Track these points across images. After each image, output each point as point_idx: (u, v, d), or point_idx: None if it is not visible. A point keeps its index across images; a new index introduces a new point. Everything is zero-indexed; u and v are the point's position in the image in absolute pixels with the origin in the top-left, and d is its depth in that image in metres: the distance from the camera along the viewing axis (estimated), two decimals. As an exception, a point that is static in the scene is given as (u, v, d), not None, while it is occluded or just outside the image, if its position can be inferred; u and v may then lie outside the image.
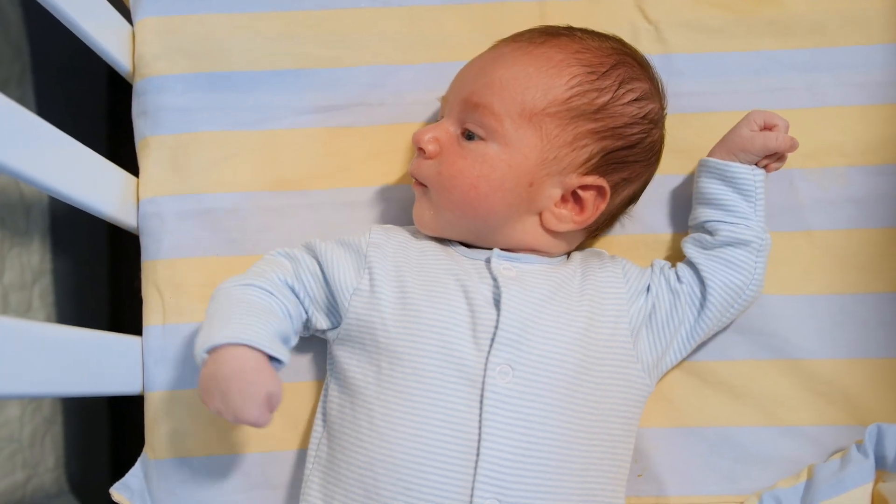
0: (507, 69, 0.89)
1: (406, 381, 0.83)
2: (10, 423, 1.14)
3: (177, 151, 1.04)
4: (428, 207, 0.92)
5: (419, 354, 0.83)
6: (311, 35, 1.07)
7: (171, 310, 1.01)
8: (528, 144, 0.87)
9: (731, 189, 0.93)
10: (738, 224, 0.92)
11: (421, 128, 0.93)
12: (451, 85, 0.95)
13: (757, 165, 0.93)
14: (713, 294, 0.91)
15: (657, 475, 0.98)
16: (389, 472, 0.80)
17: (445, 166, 0.89)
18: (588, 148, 0.88)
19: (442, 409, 0.81)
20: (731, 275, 0.92)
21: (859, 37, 1.05)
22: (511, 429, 0.80)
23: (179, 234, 1.02)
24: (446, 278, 0.88)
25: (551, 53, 0.89)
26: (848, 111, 1.03)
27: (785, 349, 0.99)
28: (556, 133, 0.87)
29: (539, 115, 0.87)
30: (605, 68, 0.89)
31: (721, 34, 1.06)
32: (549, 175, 0.88)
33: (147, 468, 1.00)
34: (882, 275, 1.00)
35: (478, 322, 0.84)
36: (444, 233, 0.93)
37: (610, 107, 0.89)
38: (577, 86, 0.88)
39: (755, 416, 0.98)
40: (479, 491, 0.78)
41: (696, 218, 0.96)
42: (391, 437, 0.81)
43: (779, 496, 0.91)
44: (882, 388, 0.98)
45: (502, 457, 0.79)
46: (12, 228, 1.16)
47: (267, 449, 0.99)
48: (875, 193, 1.01)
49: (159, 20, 1.07)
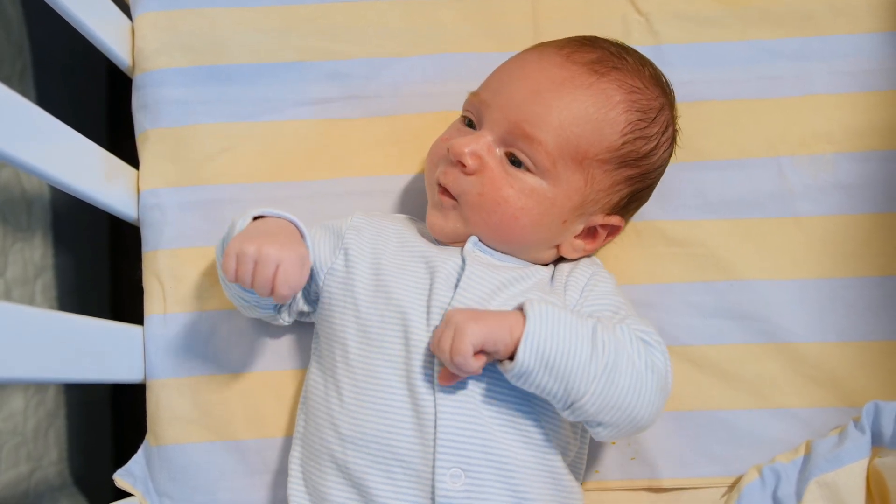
0: (567, 103, 0.86)
1: (373, 360, 0.85)
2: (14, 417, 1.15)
3: (177, 144, 1.06)
4: (452, 221, 0.90)
5: (385, 334, 0.85)
6: (309, 28, 1.08)
7: (171, 299, 1.02)
8: (573, 187, 0.87)
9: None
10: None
11: (458, 137, 0.88)
12: (492, 85, 0.91)
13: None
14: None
15: (649, 458, 0.99)
16: (358, 448, 0.82)
17: (490, 190, 0.86)
18: (621, 192, 0.90)
19: (405, 386, 0.83)
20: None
21: (847, 26, 1.06)
22: (463, 404, 0.81)
23: (180, 224, 1.04)
24: (418, 262, 0.89)
25: (611, 91, 0.87)
26: (836, 99, 1.05)
27: (775, 333, 1.00)
28: (601, 178, 0.88)
29: (590, 160, 0.87)
30: (654, 114, 0.90)
31: (712, 24, 1.07)
32: (582, 215, 0.90)
33: (149, 455, 1.01)
34: (869, 259, 1.01)
35: (433, 303, 0.85)
36: (457, 241, 0.91)
37: (652, 154, 0.90)
38: (629, 133, 0.88)
39: (746, 399, 1.00)
40: (440, 461, 0.80)
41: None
42: (359, 413, 0.83)
43: (778, 470, 0.93)
44: (869, 370, 0.99)
45: (458, 427, 0.81)
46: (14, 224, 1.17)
47: (266, 435, 1.00)
48: (862, 180, 1.03)
49: (158, 15, 1.08)
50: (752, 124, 1.05)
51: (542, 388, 0.79)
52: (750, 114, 1.05)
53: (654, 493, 1.00)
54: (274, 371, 1.02)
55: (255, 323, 1.02)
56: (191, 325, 1.02)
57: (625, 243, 1.03)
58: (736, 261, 1.02)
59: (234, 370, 1.01)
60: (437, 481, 0.80)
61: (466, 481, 0.80)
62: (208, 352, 1.01)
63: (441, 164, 0.90)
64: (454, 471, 0.80)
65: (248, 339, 1.01)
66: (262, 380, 1.01)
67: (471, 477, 0.80)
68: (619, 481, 0.99)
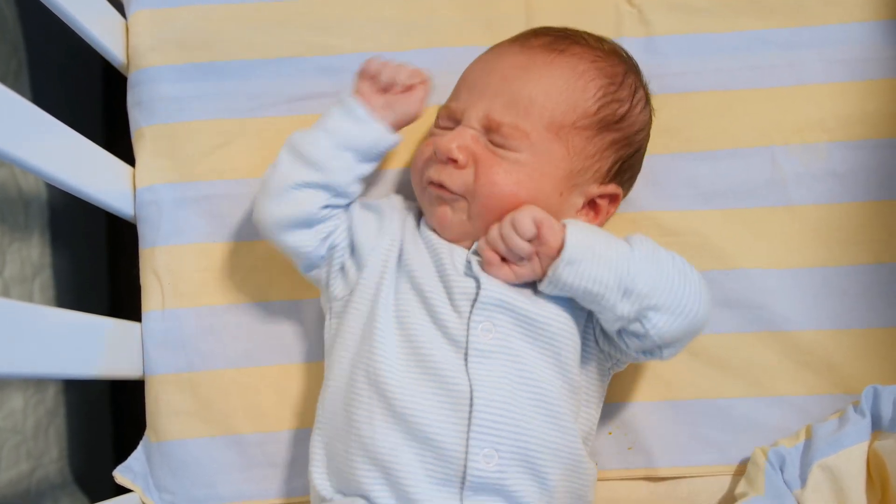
0: (534, 84, 0.88)
1: (405, 340, 0.85)
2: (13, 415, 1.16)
3: (172, 140, 1.06)
4: (459, 216, 0.89)
5: (411, 316, 0.85)
6: (303, 23, 1.08)
7: (169, 295, 1.03)
8: (557, 157, 0.88)
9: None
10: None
11: (441, 137, 0.90)
12: (463, 89, 0.93)
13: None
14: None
15: (647, 448, 1.00)
16: (389, 425, 0.82)
17: (483, 174, 0.87)
18: (610, 158, 0.91)
19: (439, 366, 0.83)
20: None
21: (839, 15, 1.06)
22: (499, 383, 0.82)
23: (176, 221, 1.04)
24: (431, 249, 0.90)
25: (573, 62, 0.90)
26: (828, 88, 1.05)
27: (770, 321, 1.01)
28: (583, 145, 0.89)
29: (566, 129, 0.88)
30: (620, 78, 0.91)
31: (703, 15, 1.07)
32: (576, 185, 0.90)
33: (149, 450, 1.02)
34: (862, 247, 1.02)
35: (454, 290, 0.85)
36: (464, 239, 0.91)
37: (629, 116, 0.91)
38: (602, 98, 0.89)
39: (743, 388, 1.00)
40: (473, 443, 0.80)
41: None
42: (389, 392, 0.83)
43: (782, 454, 0.93)
44: (864, 356, 1.00)
45: (493, 408, 0.81)
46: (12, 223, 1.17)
47: (265, 429, 1.01)
48: (855, 168, 1.03)
49: (153, 12, 1.08)
50: (744, 114, 1.05)
51: (594, 278, 0.82)
52: (742, 103, 1.05)
53: (651, 482, 1.00)
54: (273, 365, 1.02)
55: (253, 317, 1.03)
56: (189, 321, 1.02)
57: (620, 233, 1.01)
58: (730, 250, 1.02)
59: (233, 365, 1.02)
60: (470, 461, 0.80)
61: (499, 461, 0.81)
62: (206, 347, 1.02)
63: (429, 166, 0.91)
64: (487, 451, 0.80)
65: (246, 334, 1.02)
66: (261, 374, 1.02)
67: (503, 458, 0.81)
68: (616, 471, 1.00)
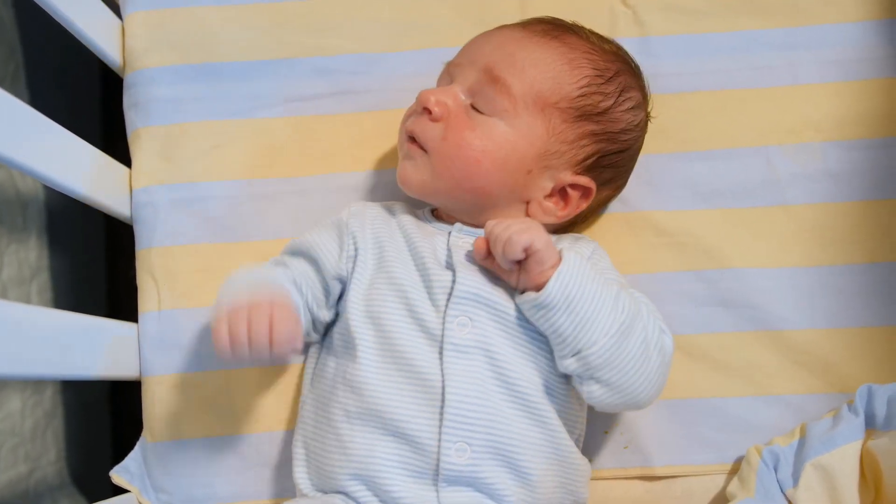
0: (529, 52, 0.90)
1: (381, 337, 0.86)
2: (11, 417, 1.16)
3: (168, 141, 1.06)
4: (421, 170, 0.91)
5: (389, 310, 0.86)
6: (299, 24, 1.08)
7: (166, 296, 1.03)
8: (535, 133, 0.89)
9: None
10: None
11: (430, 88, 0.92)
12: (462, 51, 0.95)
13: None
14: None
15: (643, 447, 1.00)
16: (365, 423, 0.83)
17: (452, 133, 0.89)
18: (587, 149, 0.91)
19: (414, 360, 0.84)
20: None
21: (835, 15, 1.07)
22: (472, 377, 0.83)
23: (173, 222, 1.04)
24: (410, 244, 0.90)
25: (564, 49, 0.91)
26: (824, 88, 1.05)
27: (766, 321, 1.01)
28: (562, 128, 0.89)
29: (550, 107, 0.89)
30: (611, 73, 0.92)
31: (698, 15, 1.07)
32: (547, 168, 0.90)
33: (146, 451, 1.02)
34: (857, 246, 1.02)
35: (433, 284, 0.86)
36: (427, 197, 0.94)
37: (611, 112, 0.91)
38: (585, 86, 0.90)
39: (739, 387, 1.00)
40: (446, 435, 0.81)
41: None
42: (365, 389, 0.84)
43: (776, 452, 0.94)
44: (859, 355, 1.00)
45: (465, 402, 0.82)
46: (9, 225, 1.17)
47: (261, 429, 1.01)
48: (849, 168, 1.03)
49: (148, 14, 1.08)
50: (740, 114, 1.05)
51: (556, 328, 0.82)
52: (738, 104, 1.05)
53: (647, 481, 1.00)
54: (269, 366, 1.02)
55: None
56: (185, 322, 1.02)
57: (615, 233, 1.03)
58: (726, 249, 1.02)
59: (229, 366, 1.02)
60: (443, 454, 0.81)
61: (472, 455, 0.81)
62: (203, 348, 1.02)
63: (409, 118, 0.93)
64: (459, 444, 0.81)
65: (242, 335, 1.02)
66: (258, 374, 1.02)
67: (476, 451, 0.81)
68: (612, 470, 1.00)
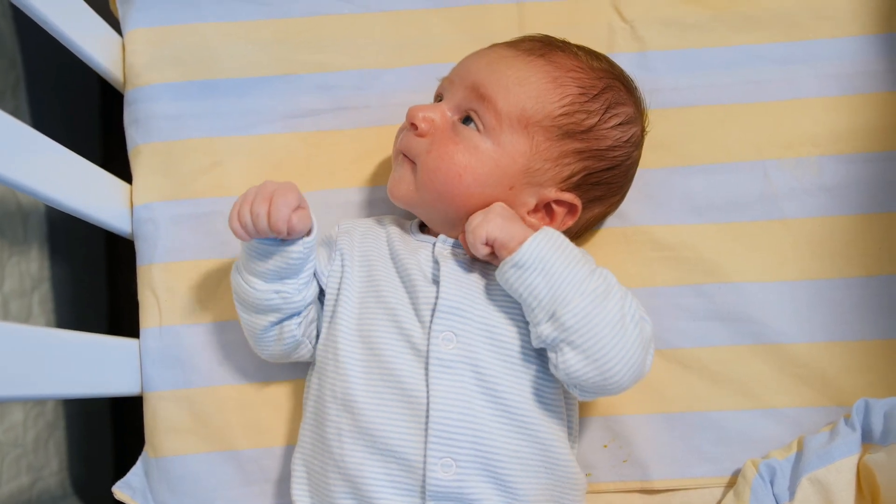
0: (515, 71, 0.91)
1: (369, 354, 0.87)
2: (14, 428, 1.16)
3: (169, 158, 1.07)
4: (407, 182, 0.92)
5: (378, 328, 0.87)
6: (298, 41, 1.09)
7: (167, 312, 1.03)
8: (518, 150, 0.89)
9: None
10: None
11: (419, 105, 0.93)
12: (455, 68, 0.96)
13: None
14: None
15: (641, 460, 1.00)
16: (356, 441, 0.84)
17: (436, 147, 0.90)
18: (571, 166, 0.91)
19: (399, 377, 0.84)
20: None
21: (831, 30, 1.07)
22: (457, 392, 0.83)
23: (173, 238, 1.05)
24: (396, 260, 0.91)
25: (549, 68, 0.91)
26: (821, 102, 1.06)
27: (763, 334, 1.02)
28: (546, 146, 0.90)
29: (533, 125, 0.89)
30: (596, 91, 0.92)
31: (696, 30, 1.08)
32: (530, 184, 0.91)
33: (148, 466, 1.03)
34: (854, 260, 1.03)
35: (419, 299, 0.87)
36: (414, 209, 0.95)
37: (596, 129, 0.91)
38: (567, 105, 0.90)
39: (737, 400, 1.01)
40: (431, 451, 0.82)
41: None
42: (355, 407, 0.85)
43: (773, 466, 0.94)
44: (857, 369, 1.01)
45: (449, 418, 0.83)
46: (11, 238, 1.18)
47: (263, 445, 1.01)
48: (846, 181, 1.04)
49: (149, 31, 1.09)
50: (738, 128, 1.06)
51: (531, 289, 0.82)
52: (736, 118, 1.06)
53: (646, 494, 1.01)
54: (270, 381, 1.03)
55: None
56: (186, 338, 1.03)
57: (614, 247, 1.04)
58: (724, 263, 1.03)
59: (231, 381, 1.03)
60: (429, 470, 0.82)
61: (458, 470, 0.82)
62: (204, 363, 1.03)
63: (400, 134, 0.95)
64: (445, 460, 0.82)
65: (243, 351, 1.02)
66: (259, 390, 1.03)
67: (462, 466, 0.82)
68: (611, 483, 1.01)
